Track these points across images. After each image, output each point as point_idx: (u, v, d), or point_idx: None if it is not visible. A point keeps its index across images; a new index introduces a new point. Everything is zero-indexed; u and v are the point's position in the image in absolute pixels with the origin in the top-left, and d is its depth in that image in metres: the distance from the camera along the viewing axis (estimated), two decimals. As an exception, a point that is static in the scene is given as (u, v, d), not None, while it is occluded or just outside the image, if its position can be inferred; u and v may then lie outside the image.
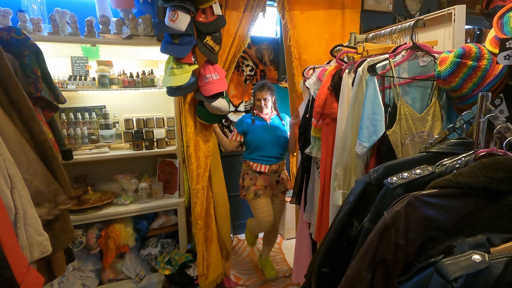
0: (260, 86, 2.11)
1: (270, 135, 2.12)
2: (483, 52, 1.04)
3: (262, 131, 2.13)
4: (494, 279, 0.53)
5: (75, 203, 1.92)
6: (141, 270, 2.09)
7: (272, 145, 2.12)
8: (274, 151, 2.13)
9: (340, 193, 1.29)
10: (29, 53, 1.38)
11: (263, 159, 2.12)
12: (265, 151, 2.12)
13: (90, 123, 2.04)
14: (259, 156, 2.12)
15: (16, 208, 0.77)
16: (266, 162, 2.11)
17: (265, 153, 2.12)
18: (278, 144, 2.13)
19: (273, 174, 2.14)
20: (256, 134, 2.13)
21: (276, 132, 2.14)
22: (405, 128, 1.16)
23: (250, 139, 2.14)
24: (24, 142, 0.88)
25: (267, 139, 2.11)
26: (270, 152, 2.12)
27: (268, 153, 2.12)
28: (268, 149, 2.12)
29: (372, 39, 1.50)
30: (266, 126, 2.14)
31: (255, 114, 2.17)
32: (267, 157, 2.12)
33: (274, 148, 2.13)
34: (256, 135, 2.13)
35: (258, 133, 2.12)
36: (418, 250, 0.67)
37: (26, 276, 0.69)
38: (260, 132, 2.12)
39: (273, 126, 2.16)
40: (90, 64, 2.02)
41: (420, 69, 1.22)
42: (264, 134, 2.12)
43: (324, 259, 0.93)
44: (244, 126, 2.16)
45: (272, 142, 2.12)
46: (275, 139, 2.13)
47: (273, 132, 2.13)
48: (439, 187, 0.67)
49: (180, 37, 1.54)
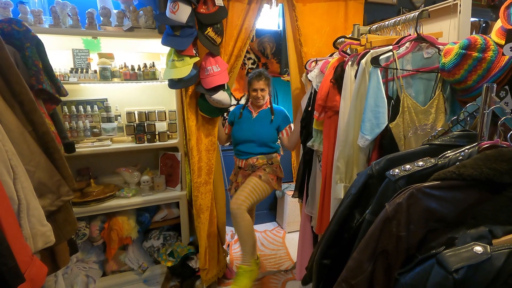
0: (256, 74, 1.91)
1: (249, 131, 1.95)
2: (489, 43, 1.02)
3: (244, 125, 1.99)
4: (496, 271, 0.53)
5: (78, 196, 1.93)
6: (144, 261, 2.12)
7: (249, 141, 1.96)
8: (251, 148, 1.96)
9: (342, 186, 1.29)
10: (30, 45, 1.37)
11: (241, 153, 2.00)
12: (243, 146, 1.98)
13: (92, 116, 2.04)
14: (238, 150, 2.01)
15: (19, 199, 0.78)
16: (243, 157, 1.99)
17: (243, 148, 1.98)
18: (257, 141, 1.95)
19: (251, 168, 1.99)
20: (238, 127, 2.00)
21: (256, 128, 1.96)
22: (408, 121, 1.15)
23: (233, 132, 2.03)
24: (26, 133, 0.89)
25: (246, 135, 1.96)
26: (247, 148, 1.97)
27: (245, 149, 1.97)
28: (245, 145, 1.97)
29: (375, 31, 1.48)
30: (250, 121, 1.99)
31: (246, 106, 2.03)
32: (245, 153, 1.99)
33: (251, 145, 1.96)
34: (238, 129, 2.00)
35: (241, 127, 1.99)
36: (420, 242, 0.67)
37: (29, 265, 0.70)
38: (242, 126, 1.99)
39: (256, 121, 1.98)
40: (92, 57, 2.02)
41: (424, 61, 1.21)
42: (245, 129, 1.98)
43: (325, 251, 0.94)
44: (232, 117, 2.07)
45: (250, 138, 1.95)
46: (254, 135, 1.95)
47: (253, 128, 1.96)
48: (441, 179, 0.66)
49: (181, 29, 1.53)
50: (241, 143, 1.98)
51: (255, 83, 1.90)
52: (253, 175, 1.94)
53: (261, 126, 1.97)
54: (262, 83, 1.90)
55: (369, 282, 0.69)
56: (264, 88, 1.91)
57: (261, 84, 1.90)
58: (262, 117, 1.99)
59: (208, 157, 1.90)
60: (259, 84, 1.90)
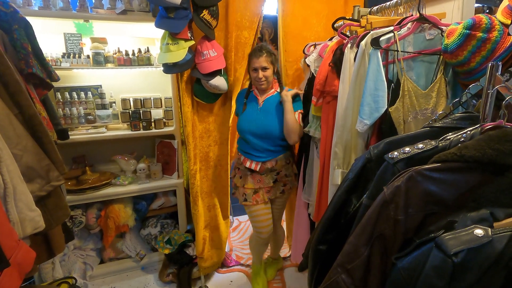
0: (257, 49, 1.54)
1: (257, 124, 1.57)
2: (494, 23, 0.98)
3: (250, 117, 1.60)
4: (497, 254, 0.51)
5: (74, 183, 1.91)
6: (141, 249, 2.12)
7: (259, 137, 1.58)
8: (264, 144, 1.58)
9: (340, 172, 1.26)
10: (18, 27, 1.32)
11: (252, 153, 1.61)
12: (252, 144, 1.59)
13: (86, 103, 2.00)
14: (247, 150, 1.63)
15: (5, 183, 0.75)
16: (257, 159, 1.60)
17: (253, 146, 1.59)
18: (270, 136, 1.57)
19: (269, 173, 1.62)
20: (242, 120, 1.62)
21: (266, 120, 1.57)
22: (408, 105, 1.12)
23: (238, 125, 1.66)
24: (12, 116, 0.85)
25: (253, 130, 1.57)
26: (258, 146, 1.58)
27: (256, 147, 1.59)
28: (255, 142, 1.58)
29: (376, 13, 1.43)
30: (256, 111, 1.60)
31: (250, 91, 1.66)
32: (257, 152, 1.60)
33: (263, 141, 1.58)
34: (242, 122, 1.62)
35: (245, 119, 1.62)
36: (418, 226, 0.65)
37: (16, 250, 0.68)
38: (247, 118, 1.61)
39: (264, 111, 1.59)
40: (84, 41, 1.96)
41: (426, 42, 1.17)
42: (251, 122, 1.59)
43: (322, 237, 0.92)
44: (237, 102, 1.71)
45: (260, 134, 1.57)
46: (264, 130, 1.56)
47: (262, 121, 1.57)
48: (442, 161, 0.64)
49: (175, 11, 1.47)
50: (248, 140, 1.60)
51: (254, 61, 1.52)
52: (276, 196, 1.67)
53: (271, 118, 1.57)
54: (263, 59, 1.51)
55: (365, 266, 0.68)
56: (267, 66, 1.51)
57: (262, 61, 1.50)
58: (270, 105, 1.59)
59: (202, 144, 1.87)
60: (259, 61, 1.51)
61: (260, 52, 1.51)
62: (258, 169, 1.59)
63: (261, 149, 1.58)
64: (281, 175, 1.65)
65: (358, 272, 0.68)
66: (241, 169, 1.67)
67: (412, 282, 0.57)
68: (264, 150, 1.58)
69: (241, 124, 1.63)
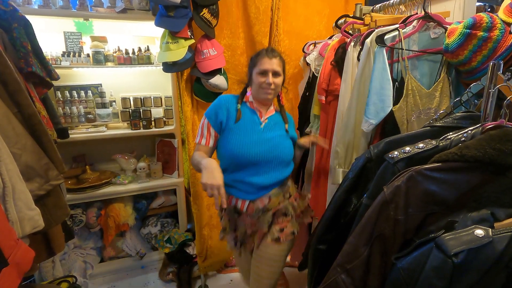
0: (269, 50, 1.18)
1: (263, 147, 1.15)
2: (495, 21, 0.97)
3: (249, 136, 1.16)
4: (497, 255, 0.51)
5: (74, 182, 1.91)
6: (142, 248, 2.12)
7: (264, 165, 1.16)
8: (268, 177, 1.17)
9: (341, 171, 1.26)
10: (18, 26, 1.32)
11: (241, 188, 1.17)
12: (248, 176, 1.16)
13: (86, 102, 2.00)
14: (235, 181, 1.17)
15: (4, 182, 0.75)
16: (246, 196, 1.17)
17: (248, 179, 1.15)
18: (273, 161, 1.16)
19: (262, 214, 1.18)
20: (236, 140, 1.15)
21: (274, 142, 1.17)
22: (411, 104, 1.11)
23: (224, 147, 1.17)
24: (11, 115, 0.85)
25: (257, 154, 1.14)
26: (259, 179, 1.16)
27: (253, 180, 1.15)
28: (250, 171, 1.15)
29: (379, 11, 1.42)
30: (258, 128, 1.18)
31: (244, 102, 1.22)
32: (245, 185, 1.16)
33: (269, 170, 1.17)
34: (236, 142, 1.15)
35: (241, 139, 1.15)
36: (418, 226, 0.64)
37: (14, 249, 0.68)
38: (244, 138, 1.15)
39: (268, 129, 1.19)
40: (84, 40, 1.96)
41: (430, 41, 1.16)
42: (252, 143, 1.14)
43: (321, 236, 0.92)
44: (222, 114, 1.18)
45: (266, 159, 1.15)
46: (270, 154, 1.15)
47: (268, 142, 1.16)
48: (442, 160, 0.63)
49: (175, 9, 1.47)
50: (243, 169, 1.16)
51: (265, 61, 1.14)
52: (269, 241, 1.18)
53: (280, 137, 1.20)
54: (277, 62, 1.15)
55: (365, 266, 0.67)
56: (279, 71, 1.16)
57: (275, 63, 1.14)
58: (274, 126, 1.22)
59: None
60: (271, 63, 1.14)
61: (274, 53, 1.16)
62: (246, 210, 1.18)
63: (256, 181, 1.15)
64: (279, 215, 1.20)
65: (358, 272, 0.68)
66: (227, 211, 1.25)
67: (412, 283, 0.57)
68: (258, 184, 1.15)
69: (239, 145, 1.14)
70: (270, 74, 1.14)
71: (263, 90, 1.16)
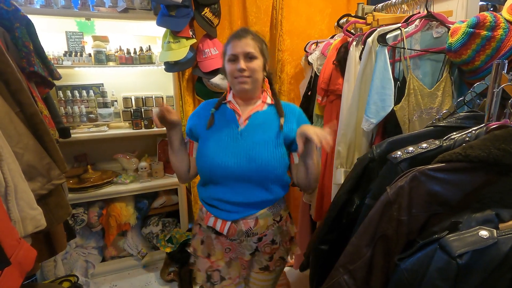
0: (238, 31, 0.99)
1: (238, 157, 0.95)
2: (499, 20, 0.96)
3: (222, 144, 0.97)
4: (502, 256, 0.50)
5: (76, 182, 1.92)
6: (143, 247, 2.12)
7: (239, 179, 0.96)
8: (253, 195, 0.97)
9: (342, 171, 1.26)
10: (20, 25, 1.32)
11: (222, 207, 0.99)
12: (228, 193, 0.97)
13: (88, 101, 2.00)
14: (214, 199, 1.00)
15: (6, 181, 0.75)
16: (227, 216, 0.98)
17: (228, 196, 0.97)
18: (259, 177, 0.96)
19: (246, 239, 1.00)
20: (207, 149, 0.98)
21: (254, 151, 0.95)
22: (413, 103, 1.11)
23: (197, 158, 1.02)
24: (12, 114, 0.85)
25: (231, 166, 0.94)
26: (240, 197, 0.97)
27: (234, 198, 0.97)
28: (237, 188, 0.97)
29: (381, 10, 1.41)
30: (235, 135, 0.98)
31: (223, 103, 1.04)
32: (226, 204, 0.98)
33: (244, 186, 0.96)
34: (207, 152, 0.97)
35: (212, 148, 0.97)
36: (421, 227, 0.64)
37: (17, 249, 0.68)
38: (216, 147, 0.97)
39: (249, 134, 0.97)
40: (86, 40, 1.96)
41: (433, 40, 1.15)
42: (226, 153, 0.95)
43: (323, 236, 0.91)
44: (191, 121, 1.06)
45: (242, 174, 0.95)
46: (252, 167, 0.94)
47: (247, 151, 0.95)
48: (446, 161, 0.63)
49: (176, 9, 1.47)
50: (220, 183, 0.98)
51: (235, 44, 0.94)
52: (256, 270, 1.06)
53: (261, 145, 0.96)
54: (249, 43, 0.94)
55: (368, 267, 0.67)
56: (253, 52, 0.94)
57: (247, 44, 0.94)
58: (259, 125, 0.99)
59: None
60: (240, 44, 0.94)
61: (244, 32, 0.96)
62: (226, 232, 0.98)
63: (236, 199, 0.97)
64: (265, 242, 1.02)
65: (361, 272, 0.68)
66: (203, 228, 1.05)
67: (415, 284, 0.57)
68: (241, 202, 0.97)
69: (209, 155, 0.96)
70: (241, 58, 0.93)
71: (236, 80, 0.95)
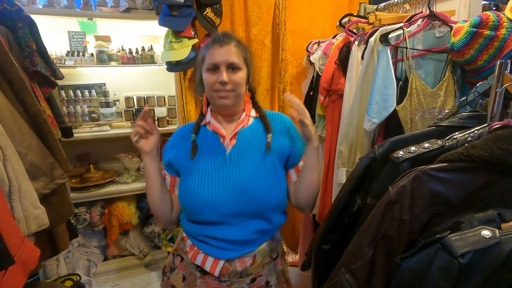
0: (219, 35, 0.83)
1: (230, 187, 0.81)
2: (502, 20, 0.96)
3: (210, 174, 0.83)
4: (504, 256, 0.50)
5: (78, 181, 1.92)
6: (145, 247, 2.13)
7: (234, 215, 0.82)
8: (249, 229, 0.84)
9: (344, 171, 1.25)
10: (23, 25, 1.33)
11: (215, 244, 0.84)
12: (221, 230, 0.83)
13: (90, 101, 2.01)
14: (206, 236, 0.85)
15: (10, 181, 0.76)
16: (219, 253, 0.84)
17: (222, 233, 0.83)
18: (257, 209, 0.83)
19: (238, 281, 0.86)
20: (193, 181, 0.83)
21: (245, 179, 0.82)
22: (415, 103, 1.11)
23: (180, 193, 0.88)
24: (16, 114, 0.86)
25: (223, 202, 0.81)
26: (236, 233, 0.83)
27: (230, 235, 0.83)
28: (226, 221, 0.83)
29: (383, 9, 1.41)
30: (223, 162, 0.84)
31: (202, 125, 0.88)
32: (220, 242, 0.84)
33: (250, 220, 0.84)
34: (193, 185, 0.83)
35: (199, 179, 0.83)
36: (423, 227, 0.64)
37: (20, 248, 0.68)
38: (202, 178, 0.83)
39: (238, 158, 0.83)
40: (88, 40, 1.97)
41: (435, 40, 1.15)
42: (214, 184, 0.82)
43: (325, 236, 0.91)
44: (173, 156, 0.92)
45: (237, 210, 0.82)
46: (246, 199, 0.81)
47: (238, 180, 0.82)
48: (448, 160, 0.63)
49: (178, 9, 1.47)
50: (207, 219, 0.83)
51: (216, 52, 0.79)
52: None
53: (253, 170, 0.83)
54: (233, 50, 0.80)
55: (370, 267, 0.67)
56: (237, 64, 0.80)
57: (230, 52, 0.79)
58: (248, 143, 0.85)
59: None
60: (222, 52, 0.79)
61: (227, 38, 0.81)
62: (218, 274, 0.83)
63: (231, 237, 0.82)
64: (258, 284, 0.89)
65: (362, 272, 0.68)
66: (185, 263, 0.90)
67: (417, 284, 0.57)
68: (237, 240, 0.83)
69: (194, 191, 0.82)
70: (223, 69, 0.78)
71: (217, 94, 0.79)
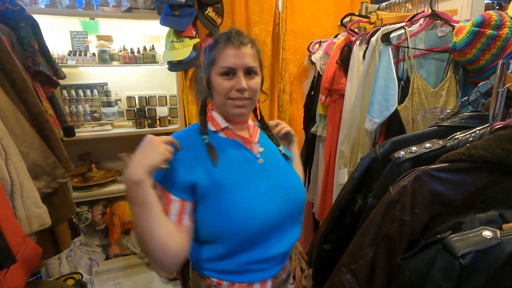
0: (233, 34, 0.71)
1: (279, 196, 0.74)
2: (505, 19, 0.95)
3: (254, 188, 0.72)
4: (506, 256, 0.50)
5: (80, 180, 1.93)
6: (146, 246, 2.13)
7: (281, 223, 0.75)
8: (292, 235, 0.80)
9: (346, 171, 1.25)
10: (25, 25, 1.33)
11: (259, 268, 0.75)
12: (268, 248, 0.73)
13: (92, 101, 2.02)
14: (250, 263, 0.73)
15: (12, 180, 0.76)
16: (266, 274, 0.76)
17: (270, 252, 0.74)
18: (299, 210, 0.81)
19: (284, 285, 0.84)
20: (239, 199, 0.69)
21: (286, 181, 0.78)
22: (417, 103, 1.10)
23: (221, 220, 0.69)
24: (18, 113, 0.86)
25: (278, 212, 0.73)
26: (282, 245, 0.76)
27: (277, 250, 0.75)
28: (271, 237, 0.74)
29: (385, 9, 1.41)
30: (257, 168, 0.76)
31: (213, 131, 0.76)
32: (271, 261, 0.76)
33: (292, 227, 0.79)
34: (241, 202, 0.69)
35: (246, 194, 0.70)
36: (424, 227, 0.64)
37: (22, 247, 0.69)
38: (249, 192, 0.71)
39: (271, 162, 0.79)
40: (90, 39, 1.97)
41: (437, 40, 1.14)
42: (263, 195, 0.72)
43: (326, 236, 0.91)
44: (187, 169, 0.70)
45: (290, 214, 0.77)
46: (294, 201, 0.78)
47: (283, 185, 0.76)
48: (450, 161, 0.62)
49: (180, 8, 1.48)
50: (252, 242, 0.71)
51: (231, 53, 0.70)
52: None
53: (286, 172, 0.80)
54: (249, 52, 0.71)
55: (370, 267, 0.67)
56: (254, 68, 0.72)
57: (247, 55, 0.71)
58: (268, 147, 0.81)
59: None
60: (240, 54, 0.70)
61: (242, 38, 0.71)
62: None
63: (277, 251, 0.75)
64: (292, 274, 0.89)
65: (363, 272, 0.68)
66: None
67: (418, 284, 0.57)
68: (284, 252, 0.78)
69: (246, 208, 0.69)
70: (240, 74, 0.70)
71: (233, 102, 0.71)
